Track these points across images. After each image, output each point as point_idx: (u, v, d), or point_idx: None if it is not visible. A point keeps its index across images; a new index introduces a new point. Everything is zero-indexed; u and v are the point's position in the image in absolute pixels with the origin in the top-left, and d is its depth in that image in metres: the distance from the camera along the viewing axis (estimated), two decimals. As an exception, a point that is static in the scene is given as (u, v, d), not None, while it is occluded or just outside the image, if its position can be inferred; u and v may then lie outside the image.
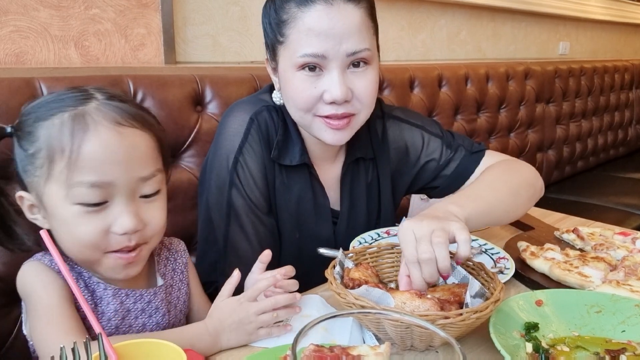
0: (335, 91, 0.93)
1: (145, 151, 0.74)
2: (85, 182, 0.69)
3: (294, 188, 1.07)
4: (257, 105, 1.06)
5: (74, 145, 0.68)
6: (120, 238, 0.72)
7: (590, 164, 3.41)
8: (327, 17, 0.91)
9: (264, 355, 0.74)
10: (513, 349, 0.70)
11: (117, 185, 0.71)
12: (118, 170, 0.70)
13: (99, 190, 0.70)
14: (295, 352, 0.49)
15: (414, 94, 2.00)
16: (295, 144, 1.06)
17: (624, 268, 0.95)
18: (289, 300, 0.80)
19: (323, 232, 1.11)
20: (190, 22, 1.59)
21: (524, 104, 2.69)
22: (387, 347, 0.55)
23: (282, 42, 0.96)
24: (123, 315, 0.79)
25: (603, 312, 0.79)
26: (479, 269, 0.85)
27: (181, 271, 0.90)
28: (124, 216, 0.71)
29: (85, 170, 0.69)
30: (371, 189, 1.17)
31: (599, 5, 3.67)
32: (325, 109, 0.96)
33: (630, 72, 3.76)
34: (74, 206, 0.70)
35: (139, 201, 0.74)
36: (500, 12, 2.91)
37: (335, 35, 0.91)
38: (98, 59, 1.40)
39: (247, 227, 1.03)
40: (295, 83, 0.96)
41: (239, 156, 1.02)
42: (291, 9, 0.93)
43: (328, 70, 0.94)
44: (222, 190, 1.02)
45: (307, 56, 0.92)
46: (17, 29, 1.26)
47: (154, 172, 0.75)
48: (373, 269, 0.87)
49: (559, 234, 1.21)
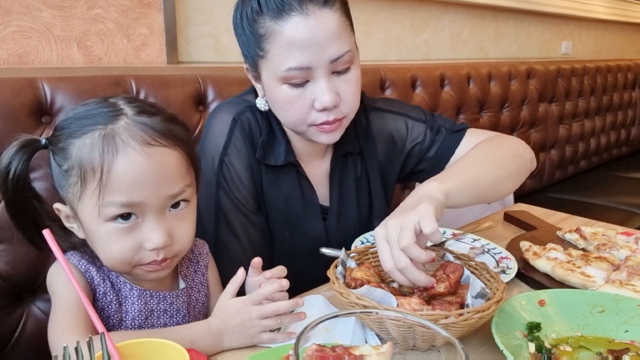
0: (324, 98, 0.93)
1: (174, 169, 0.75)
2: (117, 202, 0.71)
3: (281, 186, 1.07)
4: (240, 105, 1.06)
5: (104, 166, 0.69)
6: (150, 253, 0.74)
7: (593, 163, 3.40)
8: (306, 28, 0.89)
9: (267, 354, 0.74)
10: (516, 349, 0.70)
11: (147, 204, 0.72)
12: (147, 190, 0.72)
13: (129, 209, 0.72)
14: (297, 352, 0.49)
15: (416, 94, 2.00)
16: (280, 144, 1.06)
17: (626, 268, 0.95)
18: (291, 306, 0.79)
19: (313, 229, 1.11)
20: (193, 22, 1.59)
21: (526, 103, 2.68)
22: (389, 347, 0.55)
23: (262, 56, 0.95)
24: (146, 315, 0.80)
25: (606, 312, 0.79)
26: (482, 268, 0.85)
27: (202, 273, 0.91)
28: (154, 232, 0.73)
29: (116, 191, 0.70)
30: (360, 184, 1.16)
31: (601, 4, 3.66)
32: (317, 117, 0.96)
33: (633, 71, 3.75)
34: (107, 224, 0.72)
35: (169, 216, 0.76)
36: (502, 12, 2.90)
37: (317, 45, 0.90)
38: (100, 59, 1.40)
39: (236, 227, 1.03)
40: (282, 96, 0.95)
41: (224, 157, 1.02)
42: (266, 22, 0.92)
43: (314, 79, 0.93)
44: (209, 191, 1.02)
45: (292, 70, 0.91)
46: (19, 29, 1.26)
47: (182, 188, 0.76)
48: (375, 268, 0.87)
49: (561, 234, 1.20)
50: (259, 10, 0.92)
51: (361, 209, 1.16)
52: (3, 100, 1.03)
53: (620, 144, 3.72)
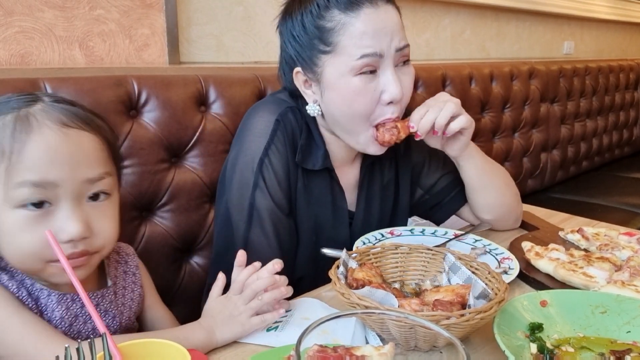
0: (393, 89, 0.97)
1: (93, 152, 0.71)
2: (27, 181, 0.65)
3: (314, 191, 1.08)
4: (280, 105, 1.06)
5: (14, 146, 0.65)
6: (65, 246, 0.68)
7: (595, 163, 3.39)
8: (378, 18, 0.96)
9: (268, 355, 0.74)
10: (517, 349, 0.69)
11: (61, 187, 0.67)
12: (62, 171, 0.67)
13: (41, 191, 0.66)
14: (299, 352, 0.49)
15: (417, 94, 2.00)
16: (319, 149, 1.07)
17: (629, 268, 0.95)
18: (269, 282, 0.81)
19: (340, 234, 1.12)
20: (194, 22, 1.59)
21: (528, 103, 2.68)
22: (391, 348, 0.54)
23: (328, 51, 0.97)
24: (70, 322, 0.76)
25: (608, 313, 0.79)
26: (483, 269, 0.84)
27: (132, 273, 0.89)
28: (70, 221, 0.68)
29: (27, 170, 0.66)
30: (386, 190, 1.19)
31: (604, 4, 3.65)
32: (385, 111, 0.99)
33: (635, 71, 3.74)
34: (15, 211, 0.67)
35: (87, 206, 0.71)
36: (504, 12, 2.90)
37: (387, 33, 0.96)
38: (102, 59, 1.40)
39: (268, 229, 1.03)
40: (352, 88, 0.97)
41: (264, 157, 1.02)
42: (336, 16, 0.95)
43: (382, 70, 0.97)
44: (244, 191, 1.02)
45: (366, 57, 0.95)
46: (22, 30, 1.26)
47: (102, 174, 0.72)
48: (377, 269, 0.87)
49: (563, 234, 1.20)
50: (327, 6, 0.96)
51: (384, 214, 1.19)
52: (5, 101, 1.03)
53: (623, 144, 3.71)
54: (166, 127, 1.24)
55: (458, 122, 1.04)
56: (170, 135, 1.25)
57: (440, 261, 0.90)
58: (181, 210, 1.26)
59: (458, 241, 1.14)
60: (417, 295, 0.86)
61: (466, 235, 1.16)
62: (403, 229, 1.17)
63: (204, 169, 1.29)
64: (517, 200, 1.24)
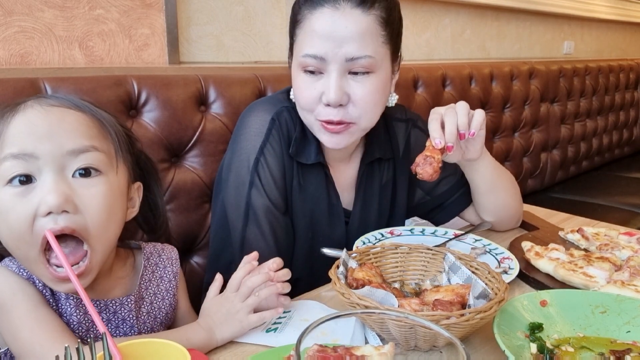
0: (330, 93, 0.94)
1: (75, 125, 0.71)
2: (8, 155, 0.67)
3: (309, 188, 1.08)
4: (276, 105, 1.07)
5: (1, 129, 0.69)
6: (45, 220, 0.67)
7: (595, 163, 3.39)
8: (331, 20, 0.92)
9: (268, 355, 0.74)
10: (517, 349, 0.69)
11: (41, 159, 0.67)
12: (41, 142, 0.67)
13: (21, 164, 0.67)
14: (299, 352, 0.49)
15: (417, 94, 2.00)
16: (311, 143, 1.07)
17: (629, 268, 0.95)
18: (265, 278, 0.80)
19: (335, 232, 1.12)
20: (194, 22, 1.59)
21: (528, 103, 2.68)
22: (391, 348, 0.54)
23: (293, 42, 1.00)
24: (87, 327, 0.76)
25: (608, 313, 0.79)
26: (483, 269, 0.84)
27: (169, 280, 0.88)
28: (49, 193, 0.66)
29: (9, 145, 0.68)
30: (385, 190, 1.18)
31: (603, 4, 3.65)
32: (323, 112, 0.97)
33: (635, 71, 3.74)
34: (4, 189, 0.68)
35: (72, 181, 0.70)
36: (504, 12, 2.90)
37: (336, 39, 0.92)
38: (102, 59, 1.40)
39: (265, 227, 1.03)
40: (298, 83, 0.99)
41: (260, 156, 1.02)
42: (303, 10, 0.97)
43: (327, 73, 0.95)
44: (240, 190, 1.02)
45: (308, 57, 0.94)
46: (21, 30, 1.26)
47: (86, 146, 0.71)
48: (377, 269, 0.87)
49: (563, 234, 1.20)
50: (303, 1, 0.98)
51: (382, 214, 1.18)
52: (5, 101, 1.03)
53: (623, 144, 3.71)
54: (166, 127, 1.24)
55: (477, 116, 1.03)
56: (170, 135, 1.25)
57: (440, 261, 0.90)
58: (181, 210, 1.26)
59: (458, 241, 1.14)
60: (417, 295, 0.86)
61: (466, 235, 1.16)
62: (403, 229, 1.17)
63: (204, 169, 1.29)
64: (520, 201, 1.24)
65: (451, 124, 0.99)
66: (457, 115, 1.00)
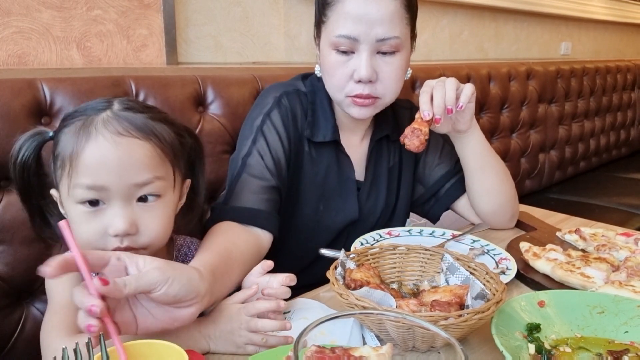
0: (362, 71, 1.01)
1: (142, 159, 0.76)
2: (82, 184, 0.74)
3: (322, 162, 1.15)
4: (288, 87, 1.16)
5: (75, 151, 0.74)
6: (113, 240, 0.76)
7: (593, 164, 3.40)
8: (364, 4, 0.99)
9: (268, 355, 0.74)
10: (515, 350, 0.69)
11: (111, 190, 0.75)
12: (111, 175, 0.74)
13: (94, 193, 0.75)
14: (297, 353, 0.49)
15: (416, 94, 2.00)
16: (328, 121, 1.14)
17: (626, 269, 0.95)
18: (279, 327, 0.78)
19: (347, 204, 1.17)
20: (192, 22, 1.59)
21: (526, 104, 2.69)
22: (389, 348, 0.54)
23: (324, 22, 1.06)
24: None
25: (605, 313, 0.79)
26: (481, 269, 0.85)
27: None
28: (117, 218, 0.75)
29: (82, 174, 0.74)
30: (392, 172, 1.24)
31: (601, 5, 3.66)
32: (354, 88, 1.04)
33: (632, 72, 3.75)
34: (76, 206, 0.76)
35: (136, 206, 0.77)
36: (502, 12, 2.90)
37: (368, 21, 0.99)
38: (100, 60, 1.40)
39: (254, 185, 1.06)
40: (330, 61, 1.05)
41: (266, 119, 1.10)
42: None
43: (358, 52, 1.02)
44: (244, 142, 1.09)
45: (341, 37, 1.01)
46: (19, 30, 1.26)
47: (151, 178, 0.77)
48: (375, 269, 0.87)
49: (561, 235, 1.20)
50: None
51: (389, 195, 1.24)
52: (2, 102, 1.03)
53: (620, 144, 3.72)
54: (164, 127, 1.24)
55: (466, 90, 1.08)
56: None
57: (438, 262, 0.90)
58: (179, 211, 1.26)
59: (456, 242, 1.14)
60: (415, 295, 0.86)
61: (464, 236, 1.16)
62: (401, 230, 1.18)
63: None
64: (514, 192, 1.24)
65: (439, 97, 1.05)
66: (445, 89, 1.06)
